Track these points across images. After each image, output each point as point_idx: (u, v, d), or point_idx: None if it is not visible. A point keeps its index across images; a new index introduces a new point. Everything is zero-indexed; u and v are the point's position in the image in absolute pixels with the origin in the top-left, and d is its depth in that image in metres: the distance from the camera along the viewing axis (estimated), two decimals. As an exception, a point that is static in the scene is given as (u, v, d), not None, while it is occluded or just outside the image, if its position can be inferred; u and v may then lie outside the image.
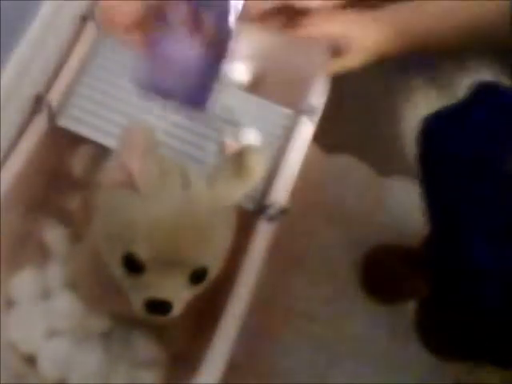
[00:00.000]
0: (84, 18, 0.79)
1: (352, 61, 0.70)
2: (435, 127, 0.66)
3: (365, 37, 0.68)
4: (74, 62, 0.77)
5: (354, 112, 1.11)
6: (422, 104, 1.15)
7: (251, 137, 0.77)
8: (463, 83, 1.15)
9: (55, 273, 0.80)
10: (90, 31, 0.78)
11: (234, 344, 0.66)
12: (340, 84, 0.81)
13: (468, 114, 0.64)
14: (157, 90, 0.55)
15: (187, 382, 0.65)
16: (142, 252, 0.56)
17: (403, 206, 1.08)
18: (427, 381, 0.97)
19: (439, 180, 0.65)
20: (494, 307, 0.60)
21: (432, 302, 0.98)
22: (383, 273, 1.01)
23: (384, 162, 1.10)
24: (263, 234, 0.70)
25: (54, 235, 0.84)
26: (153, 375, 0.79)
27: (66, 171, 0.86)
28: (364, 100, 1.13)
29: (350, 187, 1.08)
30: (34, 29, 0.73)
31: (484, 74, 1.15)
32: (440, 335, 0.98)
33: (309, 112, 0.77)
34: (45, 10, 0.74)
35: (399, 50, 0.69)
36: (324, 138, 1.01)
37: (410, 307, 1.01)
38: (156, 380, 0.78)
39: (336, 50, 0.71)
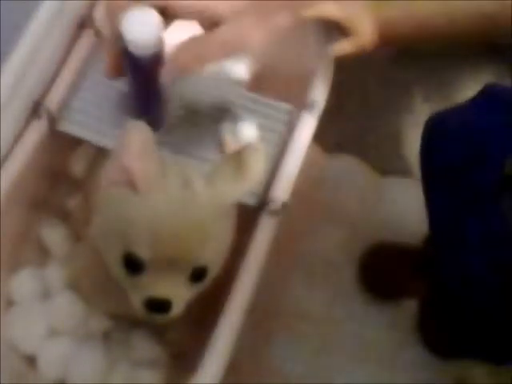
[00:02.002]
0: (82, 22, 0.79)
1: (353, 46, 0.68)
2: (438, 128, 0.66)
3: (366, 22, 0.67)
4: (72, 67, 0.78)
5: (355, 112, 1.11)
6: (422, 104, 1.15)
7: (249, 131, 0.77)
8: (462, 83, 1.15)
9: (55, 273, 0.80)
10: (87, 35, 0.79)
11: (233, 344, 0.65)
12: (340, 84, 0.81)
13: (471, 115, 0.64)
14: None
15: (187, 382, 0.65)
16: (142, 251, 0.56)
17: (403, 206, 1.08)
18: (427, 381, 0.97)
19: (439, 182, 0.65)
20: (486, 308, 0.60)
21: (432, 300, 0.98)
22: (382, 269, 1.01)
23: (384, 162, 1.10)
24: (265, 231, 0.70)
25: (53, 235, 0.84)
26: (153, 375, 0.79)
27: (66, 171, 0.86)
28: (364, 100, 1.13)
29: (350, 187, 1.08)
30: (32, 34, 0.73)
31: (483, 73, 1.15)
32: (441, 334, 0.98)
33: (310, 107, 0.77)
34: (43, 14, 0.74)
35: (392, 41, 0.68)
36: (324, 138, 1.01)
37: (410, 307, 1.01)
38: (156, 380, 0.78)
39: (337, 33, 0.69)
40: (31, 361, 0.78)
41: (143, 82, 0.67)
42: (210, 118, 0.78)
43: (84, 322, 0.78)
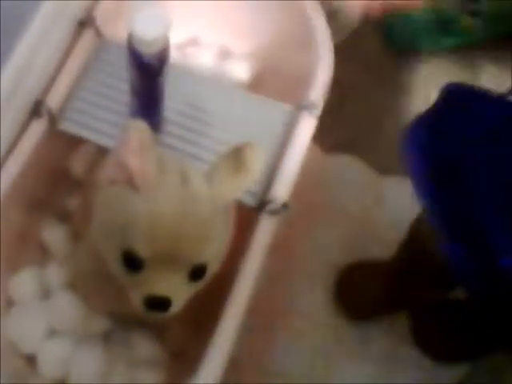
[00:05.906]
0: (82, 22, 0.79)
1: None
2: (413, 136, 0.67)
3: None
4: (73, 66, 0.78)
5: (355, 112, 1.11)
6: (422, 104, 1.15)
7: None
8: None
9: (55, 273, 0.80)
10: (88, 35, 0.79)
11: (233, 343, 0.66)
12: (340, 83, 0.81)
13: (442, 121, 0.64)
14: None
15: (187, 381, 0.65)
16: (141, 249, 0.56)
17: (403, 205, 1.08)
18: (426, 381, 0.97)
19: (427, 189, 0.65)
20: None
21: (432, 307, 0.97)
22: (356, 289, 0.99)
23: (384, 162, 1.10)
24: (265, 231, 0.70)
25: (53, 235, 0.84)
26: (153, 375, 0.79)
27: (66, 171, 0.86)
28: (364, 100, 1.13)
29: (350, 187, 1.08)
30: (32, 33, 0.73)
31: (482, 74, 1.15)
32: (439, 340, 0.98)
33: (310, 107, 0.77)
34: (43, 13, 0.74)
35: None
36: (324, 138, 1.01)
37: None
38: (156, 380, 0.79)
39: None
40: (31, 361, 0.78)
41: (146, 80, 0.67)
42: (209, 118, 0.78)
43: (84, 321, 0.78)
